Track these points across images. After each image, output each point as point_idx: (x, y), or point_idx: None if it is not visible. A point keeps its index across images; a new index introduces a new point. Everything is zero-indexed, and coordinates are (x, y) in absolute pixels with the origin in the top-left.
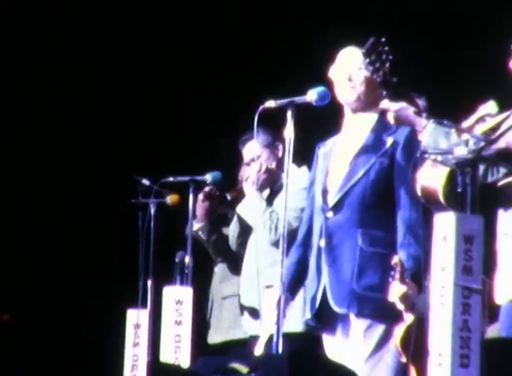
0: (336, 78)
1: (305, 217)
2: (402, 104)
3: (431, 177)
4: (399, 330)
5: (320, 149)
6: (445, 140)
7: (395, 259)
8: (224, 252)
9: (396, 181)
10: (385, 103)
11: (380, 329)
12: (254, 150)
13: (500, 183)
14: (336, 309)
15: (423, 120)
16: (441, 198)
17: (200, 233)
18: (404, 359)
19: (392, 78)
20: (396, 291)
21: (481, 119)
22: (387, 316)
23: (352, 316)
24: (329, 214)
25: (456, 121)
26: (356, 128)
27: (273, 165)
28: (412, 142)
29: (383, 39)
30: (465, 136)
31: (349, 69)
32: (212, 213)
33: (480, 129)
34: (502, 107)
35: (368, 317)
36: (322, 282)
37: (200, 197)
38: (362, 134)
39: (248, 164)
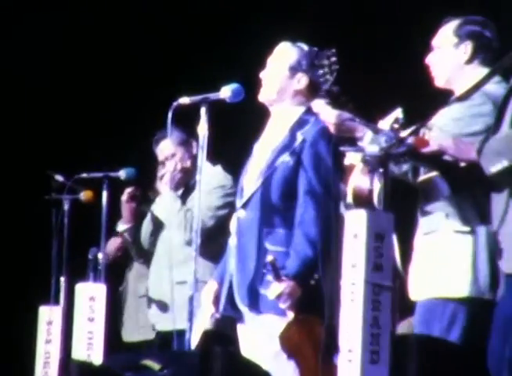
0: (261, 77)
1: None
2: (342, 113)
3: (364, 178)
4: (281, 328)
5: (254, 146)
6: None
7: (268, 258)
8: (146, 253)
9: (299, 180)
10: (325, 112)
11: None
12: (168, 149)
13: (420, 179)
14: (240, 306)
15: (363, 126)
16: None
17: (126, 234)
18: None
19: (334, 88)
20: (273, 289)
21: (395, 122)
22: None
23: (257, 314)
24: (241, 213)
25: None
26: (276, 126)
27: (188, 163)
28: (318, 141)
29: (333, 50)
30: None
31: (270, 67)
32: (137, 213)
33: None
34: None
35: (272, 314)
36: (230, 280)
37: (124, 197)
38: (280, 132)
39: (163, 163)
